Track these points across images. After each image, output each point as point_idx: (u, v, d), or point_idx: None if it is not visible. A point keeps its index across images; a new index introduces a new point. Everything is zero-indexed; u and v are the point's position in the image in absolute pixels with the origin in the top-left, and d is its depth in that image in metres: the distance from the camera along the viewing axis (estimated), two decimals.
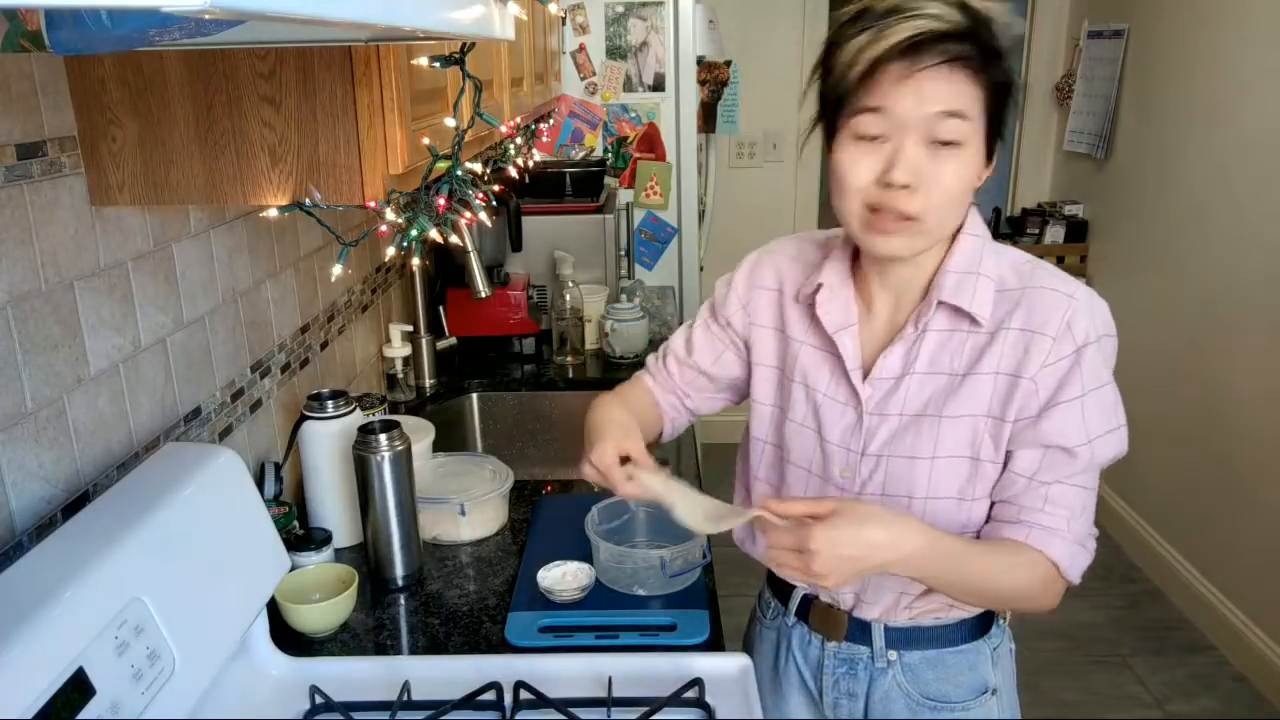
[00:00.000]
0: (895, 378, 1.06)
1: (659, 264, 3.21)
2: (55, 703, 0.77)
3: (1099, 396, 1.00)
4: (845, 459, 1.09)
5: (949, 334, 1.04)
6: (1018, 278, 1.03)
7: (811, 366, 1.12)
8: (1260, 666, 2.67)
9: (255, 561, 1.12)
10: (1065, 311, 0.99)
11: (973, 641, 1.15)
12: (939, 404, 1.04)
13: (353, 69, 1.01)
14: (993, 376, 1.01)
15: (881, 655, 1.15)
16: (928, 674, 1.15)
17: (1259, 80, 2.68)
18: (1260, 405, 2.68)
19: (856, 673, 1.17)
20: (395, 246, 1.13)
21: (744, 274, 1.21)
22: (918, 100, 0.92)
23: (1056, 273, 1.04)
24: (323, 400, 1.44)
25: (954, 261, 1.03)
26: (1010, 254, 1.06)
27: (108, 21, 0.62)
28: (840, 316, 1.09)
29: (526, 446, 2.27)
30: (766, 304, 1.18)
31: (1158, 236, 3.25)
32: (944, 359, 1.04)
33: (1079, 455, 1.00)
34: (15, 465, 0.96)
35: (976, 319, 1.02)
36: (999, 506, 1.06)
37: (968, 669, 1.15)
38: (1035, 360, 0.99)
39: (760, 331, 1.19)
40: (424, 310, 2.23)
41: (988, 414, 1.02)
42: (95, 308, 1.09)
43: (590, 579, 1.36)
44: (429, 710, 1.06)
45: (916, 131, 0.94)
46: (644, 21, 2.99)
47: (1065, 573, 1.02)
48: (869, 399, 1.07)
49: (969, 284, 1.02)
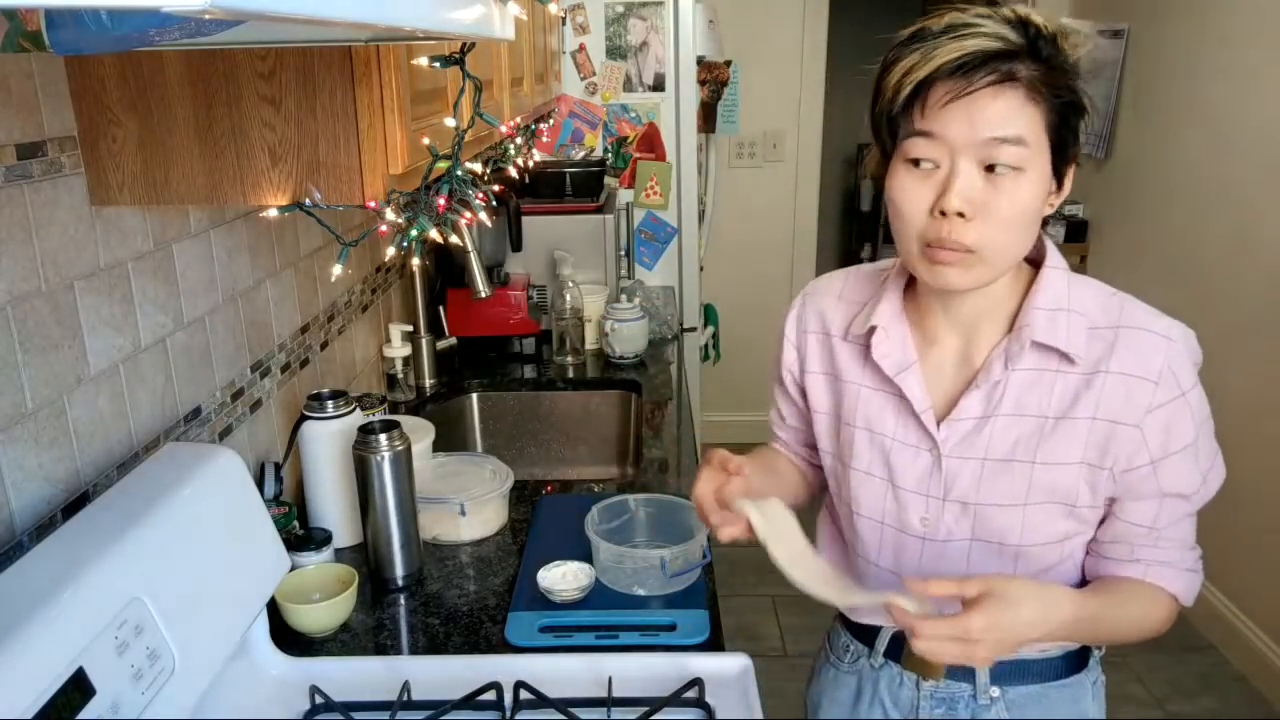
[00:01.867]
0: (977, 418, 1.00)
1: (659, 264, 3.21)
2: (55, 703, 0.77)
3: (1205, 433, 0.98)
4: (925, 506, 1.04)
5: (1038, 373, 0.98)
6: (1106, 315, 0.98)
7: (874, 410, 1.06)
8: (1260, 666, 2.67)
9: (255, 561, 1.12)
10: (1166, 354, 0.94)
11: (1075, 675, 1.13)
12: (1030, 449, 0.98)
13: (353, 69, 1.01)
14: (1089, 422, 0.96)
15: (985, 692, 1.10)
16: (1032, 710, 1.10)
17: (1259, 80, 2.68)
18: (1260, 405, 2.68)
19: (957, 711, 1.12)
20: (395, 246, 1.13)
21: (791, 321, 1.17)
22: (969, 124, 0.87)
23: (1147, 310, 0.99)
24: (323, 400, 1.44)
25: (1042, 298, 0.97)
26: (1091, 286, 1.01)
27: (108, 21, 0.62)
28: (899, 357, 1.03)
29: (526, 446, 2.27)
30: (815, 347, 1.13)
31: (1158, 236, 3.25)
32: (1032, 401, 0.98)
33: (1194, 498, 1.00)
34: (15, 465, 0.96)
35: (1071, 358, 0.96)
36: (1109, 546, 1.03)
37: (1071, 703, 1.12)
38: (1139, 406, 0.94)
39: (813, 378, 1.14)
40: (424, 310, 2.23)
41: (1083, 461, 0.97)
42: (95, 308, 1.09)
43: (590, 579, 1.36)
44: (429, 710, 1.06)
45: (971, 157, 0.88)
46: (644, 21, 2.99)
47: (1183, 601, 1.03)
48: (945, 441, 1.01)
49: (1061, 321, 0.96)
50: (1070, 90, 0.90)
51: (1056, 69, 0.89)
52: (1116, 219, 3.54)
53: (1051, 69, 0.88)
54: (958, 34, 0.88)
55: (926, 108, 0.89)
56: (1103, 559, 1.04)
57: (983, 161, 0.89)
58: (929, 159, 0.91)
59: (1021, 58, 0.87)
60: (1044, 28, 0.88)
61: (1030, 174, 0.89)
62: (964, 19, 0.89)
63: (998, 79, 0.87)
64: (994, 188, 0.89)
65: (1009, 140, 0.87)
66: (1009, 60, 0.87)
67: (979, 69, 0.86)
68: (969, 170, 0.89)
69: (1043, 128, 0.89)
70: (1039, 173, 0.90)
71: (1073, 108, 0.90)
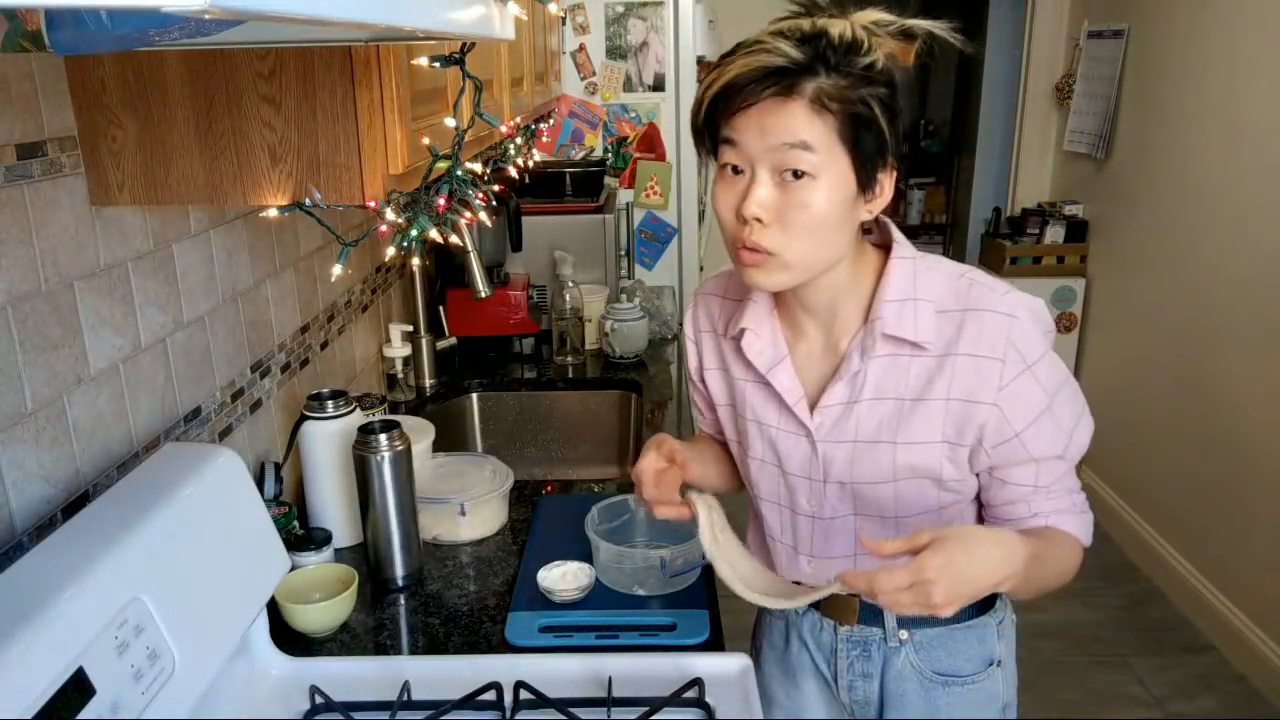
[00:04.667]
0: (843, 404, 1.07)
1: (659, 264, 3.21)
2: (55, 703, 0.77)
3: (1063, 396, 1.03)
4: (809, 488, 1.12)
5: (893, 359, 1.04)
6: (956, 298, 1.03)
7: (758, 403, 1.14)
8: (1260, 666, 2.67)
9: (255, 561, 1.12)
10: (1009, 332, 0.99)
11: (980, 617, 1.20)
12: (892, 430, 1.05)
13: (353, 69, 1.01)
14: (944, 402, 1.02)
15: (894, 635, 1.19)
16: (939, 650, 1.19)
17: (1259, 79, 2.68)
18: (1260, 404, 2.68)
19: (870, 654, 1.21)
20: (395, 246, 1.13)
21: (689, 322, 1.24)
22: (760, 133, 0.93)
23: (992, 288, 1.03)
24: (323, 400, 1.44)
25: (890, 290, 1.03)
26: (942, 268, 1.06)
27: (108, 21, 0.62)
28: (770, 354, 1.10)
29: (526, 446, 2.27)
30: (710, 345, 1.21)
31: (1158, 236, 3.25)
32: (890, 385, 1.05)
33: (1066, 454, 1.05)
34: (15, 465, 0.96)
35: (922, 346, 1.02)
36: (1006, 508, 1.08)
37: (976, 643, 1.20)
38: (991, 385, 1.00)
39: (711, 374, 1.21)
40: (424, 310, 2.23)
41: (943, 439, 1.04)
42: (95, 308, 1.09)
43: (590, 579, 1.36)
44: (429, 710, 1.06)
45: (767, 165, 0.94)
46: (644, 21, 2.99)
47: (1083, 541, 1.08)
48: (819, 427, 1.08)
49: (909, 311, 1.02)
50: (862, 101, 0.92)
51: (850, 78, 0.92)
52: (1116, 219, 3.55)
53: (844, 78, 0.91)
54: (749, 50, 0.93)
55: (728, 117, 0.95)
56: (1006, 521, 1.08)
57: (778, 169, 0.94)
58: (735, 164, 0.97)
59: (808, 72, 0.91)
60: (837, 40, 0.92)
61: (824, 180, 0.93)
62: (756, 38, 0.95)
63: (778, 91, 0.91)
64: (789, 195, 0.94)
65: (796, 146, 0.92)
66: (791, 75, 0.91)
67: (763, 82, 0.92)
68: (765, 179, 0.95)
69: (835, 136, 0.92)
70: (835, 179, 0.94)
71: (862, 119, 0.92)
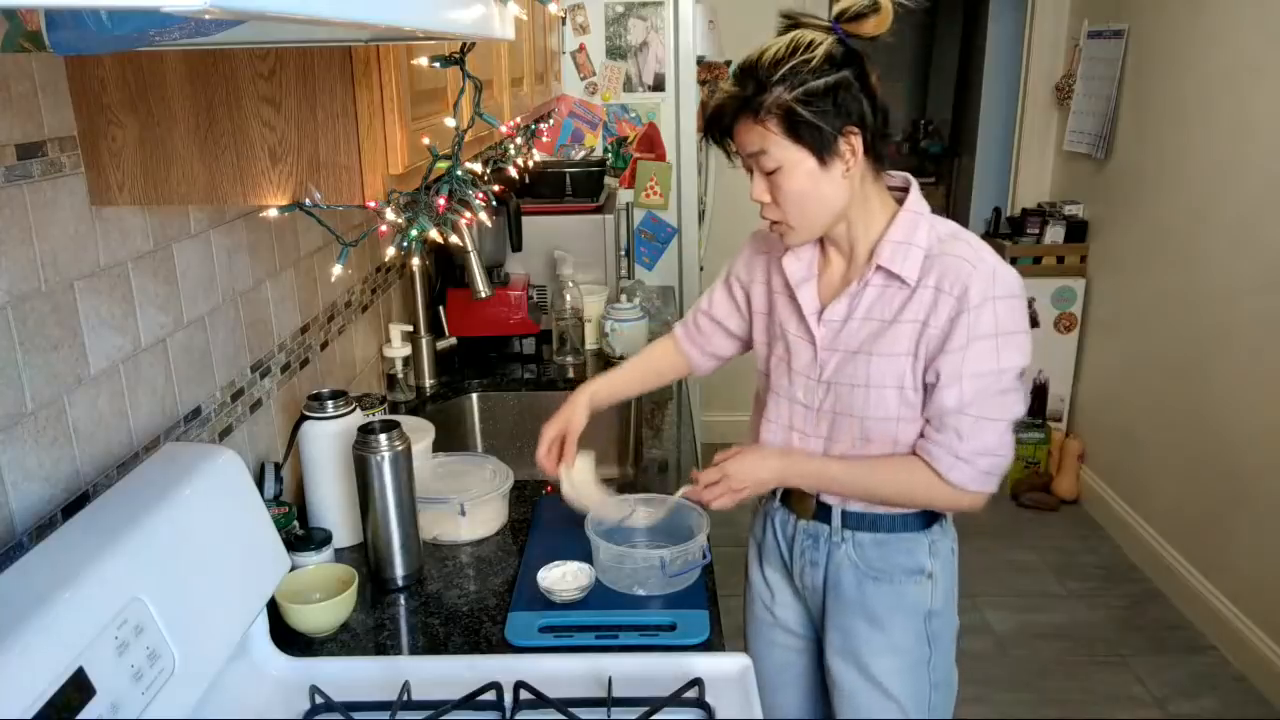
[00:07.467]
0: (841, 320, 1.34)
1: (659, 264, 3.21)
2: (55, 703, 0.77)
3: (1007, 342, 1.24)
4: (806, 385, 1.39)
5: (883, 289, 1.31)
6: (939, 245, 1.28)
7: (785, 313, 1.42)
8: (1260, 666, 2.67)
9: (255, 561, 1.12)
10: (967, 276, 1.23)
11: (913, 532, 1.40)
12: (872, 343, 1.31)
13: (353, 69, 1.01)
14: (912, 324, 1.28)
15: (838, 532, 1.42)
16: (873, 552, 1.41)
17: (1259, 79, 2.68)
18: (1260, 404, 2.68)
19: (819, 545, 1.45)
20: (395, 246, 1.13)
21: (749, 245, 1.52)
22: (739, 148, 1.28)
23: (970, 242, 1.29)
24: (323, 400, 1.44)
25: (893, 233, 1.30)
26: (943, 226, 1.31)
27: (108, 21, 0.62)
28: (803, 272, 1.39)
29: (526, 446, 2.25)
30: (761, 265, 1.48)
31: (1158, 236, 3.25)
32: (878, 309, 1.31)
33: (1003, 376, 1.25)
34: (15, 465, 0.96)
35: (905, 280, 1.27)
36: (925, 428, 1.31)
37: (905, 552, 1.41)
38: (942, 313, 1.25)
39: (757, 286, 1.49)
40: (424, 310, 2.23)
41: (908, 353, 1.29)
42: (95, 308, 1.09)
43: (590, 579, 1.36)
44: (429, 710, 1.06)
45: (754, 166, 1.27)
46: (644, 21, 2.99)
47: (950, 480, 1.29)
48: (822, 337, 1.35)
49: (902, 252, 1.28)
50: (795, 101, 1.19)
51: (783, 84, 1.20)
52: (1116, 219, 3.54)
53: (777, 87, 1.20)
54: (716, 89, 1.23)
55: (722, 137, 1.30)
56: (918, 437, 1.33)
57: (759, 168, 1.27)
58: (742, 164, 1.30)
59: (746, 97, 1.23)
60: (768, 62, 1.21)
61: (788, 168, 1.24)
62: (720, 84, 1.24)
63: (733, 119, 1.26)
64: (773, 183, 1.27)
65: (756, 154, 1.25)
66: (736, 105, 1.24)
67: (722, 118, 1.27)
68: (756, 175, 1.28)
69: (781, 136, 1.22)
70: (794, 165, 1.24)
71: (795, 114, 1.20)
